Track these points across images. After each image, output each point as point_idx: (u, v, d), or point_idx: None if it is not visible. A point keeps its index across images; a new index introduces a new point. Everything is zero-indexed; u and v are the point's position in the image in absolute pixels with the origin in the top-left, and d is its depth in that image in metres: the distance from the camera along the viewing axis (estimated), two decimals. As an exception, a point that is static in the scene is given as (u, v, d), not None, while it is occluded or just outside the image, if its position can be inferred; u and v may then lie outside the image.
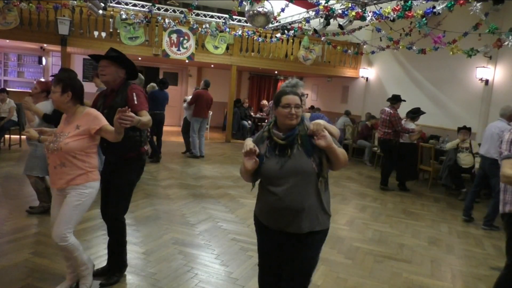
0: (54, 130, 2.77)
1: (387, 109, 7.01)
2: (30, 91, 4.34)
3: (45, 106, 4.07)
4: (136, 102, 2.83)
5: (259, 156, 2.11)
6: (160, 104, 7.64)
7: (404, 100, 7.22)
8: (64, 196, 2.59)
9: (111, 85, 2.90)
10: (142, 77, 6.20)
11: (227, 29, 9.25)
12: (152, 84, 8.12)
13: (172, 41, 9.67)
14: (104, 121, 2.60)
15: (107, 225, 3.05)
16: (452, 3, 4.99)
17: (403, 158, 7.06)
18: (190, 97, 8.66)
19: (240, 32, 9.57)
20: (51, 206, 2.78)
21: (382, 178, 7.19)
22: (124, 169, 2.89)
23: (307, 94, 2.51)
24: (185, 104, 8.82)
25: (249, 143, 2.12)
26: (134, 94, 2.85)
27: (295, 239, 2.12)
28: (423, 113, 7.18)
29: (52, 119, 3.82)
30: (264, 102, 13.37)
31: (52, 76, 3.69)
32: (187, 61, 10.28)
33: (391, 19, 5.70)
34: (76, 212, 2.57)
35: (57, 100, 2.59)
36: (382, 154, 7.75)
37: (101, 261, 3.30)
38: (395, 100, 7.04)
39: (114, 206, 2.93)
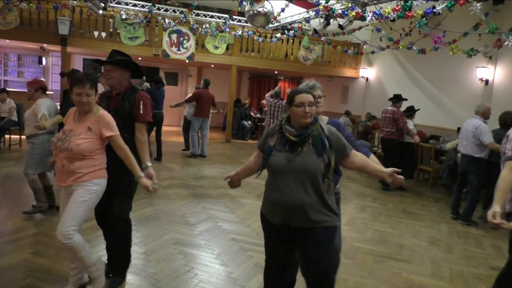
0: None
1: (389, 108, 7.14)
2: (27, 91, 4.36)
3: (45, 103, 4.12)
4: (141, 112, 2.80)
5: (268, 147, 2.17)
6: (159, 103, 7.62)
7: (406, 99, 7.32)
8: (71, 193, 2.58)
9: (117, 88, 2.85)
10: (144, 77, 6.20)
11: (227, 29, 9.25)
12: (146, 83, 8.01)
13: (172, 41, 9.67)
14: (116, 131, 2.58)
15: (107, 226, 2.99)
16: (452, 3, 4.99)
17: (403, 157, 7.14)
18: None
19: (240, 32, 9.57)
20: (59, 205, 2.74)
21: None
22: (126, 169, 2.85)
23: (325, 96, 2.53)
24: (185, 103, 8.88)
25: (227, 176, 2.49)
26: (141, 102, 2.81)
27: (301, 234, 2.13)
28: (417, 109, 7.41)
29: None
30: (264, 101, 13.36)
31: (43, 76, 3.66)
32: (187, 61, 10.28)
33: (391, 19, 5.70)
34: (81, 209, 2.53)
35: (92, 103, 2.54)
36: (383, 154, 7.78)
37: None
38: (397, 99, 7.19)
39: (120, 205, 2.91)
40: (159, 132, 7.83)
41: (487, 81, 8.05)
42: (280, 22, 8.98)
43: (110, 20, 9.01)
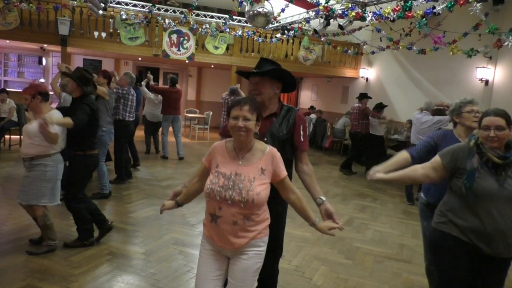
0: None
1: (356, 104, 8.29)
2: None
3: (55, 115, 3.41)
4: (302, 140, 2.33)
5: (471, 169, 2.00)
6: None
7: (370, 97, 8.37)
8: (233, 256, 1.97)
9: (267, 106, 2.30)
10: (133, 75, 6.15)
11: (227, 29, 9.25)
12: (145, 89, 7.74)
13: (172, 41, 9.67)
14: (285, 171, 1.99)
15: None
16: (452, 3, 4.99)
17: (372, 148, 8.08)
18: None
19: (240, 33, 9.57)
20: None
21: (345, 163, 8.33)
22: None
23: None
24: (151, 95, 7.99)
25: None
26: (301, 127, 2.33)
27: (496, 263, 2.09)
28: (386, 106, 8.20)
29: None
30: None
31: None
32: (187, 61, 10.28)
33: (391, 19, 5.70)
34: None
35: (253, 128, 1.90)
36: (350, 144, 9.03)
37: (100, 263, 3.29)
38: (361, 97, 8.33)
39: (275, 252, 2.48)
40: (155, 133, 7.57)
41: (487, 81, 8.05)
42: (280, 22, 8.99)
43: (110, 20, 9.01)
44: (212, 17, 10.09)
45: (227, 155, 1.95)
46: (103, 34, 9.06)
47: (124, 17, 8.71)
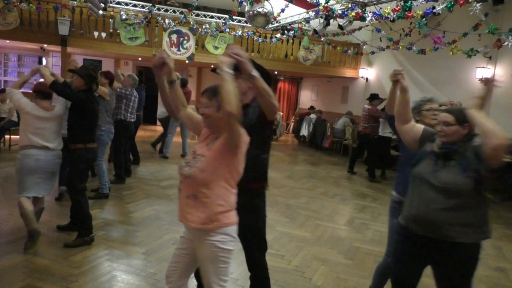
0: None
1: (365, 106, 7.89)
2: (31, 91, 3.81)
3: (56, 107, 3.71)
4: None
5: (421, 151, 2.23)
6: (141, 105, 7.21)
7: (383, 98, 7.69)
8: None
9: (241, 99, 2.29)
10: (136, 77, 6.20)
11: (227, 30, 9.25)
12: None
13: (172, 42, 9.67)
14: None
15: None
16: (452, 3, 5.00)
17: (378, 149, 7.79)
18: None
19: (240, 33, 9.58)
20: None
21: (370, 171, 7.95)
22: (254, 203, 2.39)
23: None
24: None
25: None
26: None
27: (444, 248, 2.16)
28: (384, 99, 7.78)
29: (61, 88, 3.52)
30: None
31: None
32: (187, 61, 10.28)
33: (391, 19, 5.71)
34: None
35: (215, 117, 2.01)
36: (355, 145, 8.97)
37: (100, 263, 3.30)
38: (372, 98, 7.92)
39: (258, 251, 2.50)
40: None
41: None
42: (280, 22, 8.99)
43: (110, 20, 9.01)
44: (212, 17, 10.09)
45: (203, 137, 2.13)
46: (103, 34, 9.06)
47: (124, 17, 8.71)
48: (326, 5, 6.49)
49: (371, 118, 7.71)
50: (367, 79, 11.64)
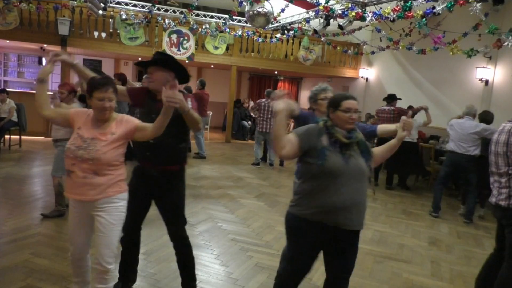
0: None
1: (386, 107, 7.10)
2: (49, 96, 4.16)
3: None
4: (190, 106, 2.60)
5: (321, 147, 2.13)
6: None
7: (400, 99, 7.32)
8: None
9: (160, 91, 2.54)
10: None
11: (227, 30, 9.25)
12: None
13: (172, 42, 9.68)
14: (136, 120, 2.41)
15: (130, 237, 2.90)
16: (452, 3, 5.00)
17: (407, 156, 6.83)
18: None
19: (240, 33, 9.58)
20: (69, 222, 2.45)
21: (400, 182, 7.36)
22: (172, 183, 2.71)
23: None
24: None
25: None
26: (188, 99, 2.60)
27: (350, 236, 2.23)
28: (399, 99, 7.36)
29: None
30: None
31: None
32: (187, 61, 10.28)
33: (391, 19, 5.71)
34: None
35: (112, 108, 2.34)
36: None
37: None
38: (391, 99, 7.21)
39: (174, 225, 2.79)
40: None
41: (487, 82, 8.05)
42: (280, 22, 8.99)
43: (110, 20, 9.02)
44: (212, 17, 10.10)
45: (90, 123, 2.36)
46: (103, 34, 9.06)
47: (124, 17, 8.72)
48: (326, 5, 6.49)
49: (396, 119, 6.68)
50: (367, 79, 11.64)
